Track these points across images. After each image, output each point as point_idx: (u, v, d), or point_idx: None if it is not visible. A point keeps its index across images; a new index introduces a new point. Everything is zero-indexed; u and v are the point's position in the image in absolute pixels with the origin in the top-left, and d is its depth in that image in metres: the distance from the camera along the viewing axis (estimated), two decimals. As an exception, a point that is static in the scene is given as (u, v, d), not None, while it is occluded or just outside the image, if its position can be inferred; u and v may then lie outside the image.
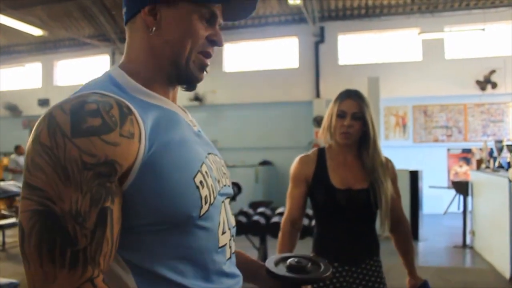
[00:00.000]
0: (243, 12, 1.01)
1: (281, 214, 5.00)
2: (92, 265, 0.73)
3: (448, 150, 9.99)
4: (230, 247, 0.96)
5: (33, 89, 13.51)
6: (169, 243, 0.82)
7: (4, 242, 6.67)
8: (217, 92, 11.20)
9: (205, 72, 0.97)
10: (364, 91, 7.78)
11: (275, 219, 4.86)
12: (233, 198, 4.71)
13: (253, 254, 5.15)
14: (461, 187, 6.79)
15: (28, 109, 13.52)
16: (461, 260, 6.12)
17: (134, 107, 0.81)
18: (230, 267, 0.95)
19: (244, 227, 4.96)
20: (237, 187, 5.57)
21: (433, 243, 6.83)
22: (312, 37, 10.63)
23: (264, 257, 5.10)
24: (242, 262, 1.09)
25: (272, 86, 10.81)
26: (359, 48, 10.58)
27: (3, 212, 7.58)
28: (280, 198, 9.95)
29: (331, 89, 10.38)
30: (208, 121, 11.58)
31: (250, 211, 5.35)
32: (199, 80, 0.97)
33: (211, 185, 0.88)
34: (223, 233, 0.92)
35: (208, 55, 0.95)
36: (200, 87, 9.44)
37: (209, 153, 0.96)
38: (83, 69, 13.15)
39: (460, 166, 9.95)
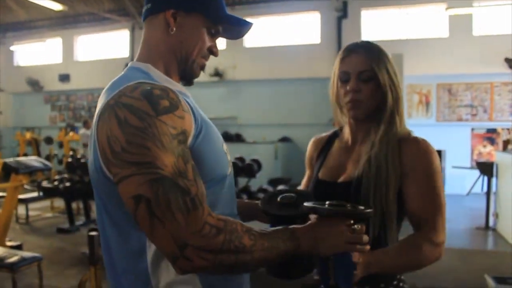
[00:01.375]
0: (238, 34, 1.21)
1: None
2: (204, 204, 0.91)
3: (472, 129, 9.75)
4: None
5: (54, 64, 13.60)
6: (213, 195, 1.02)
7: (27, 216, 6.80)
8: (237, 67, 11.10)
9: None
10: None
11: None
12: (253, 175, 4.70)
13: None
14: (486, 168, 6.63)
15: (49, 85, 13.64)
16: (483, 243, 6.01)
17: None
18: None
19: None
20: (257, 164, 5.53)
21: (454, 225, 6.71)
22: (334, 12, 10.37)
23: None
24: (241, 206, 1.28)
25: (293, 61, 10.64)
26: (383, 24, 10.28)
27: (26, 186, 7.72)
28: (299, 175, 9.85)
29: (353, 66, 10.18)
30: (227, 97, 11.52)
31: (270, 188, 5.31)
32: (197, 77, 1.17)
33: (229, 155, 1.12)
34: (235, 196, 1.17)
35: (206, 61, 1.16)
36: (220, 62, 9.40)
37: None
38: (103, 44, 13.14)
39: (484, 146, 9.72)
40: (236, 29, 1.18)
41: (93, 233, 2.32)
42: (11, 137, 13.45)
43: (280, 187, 5.31)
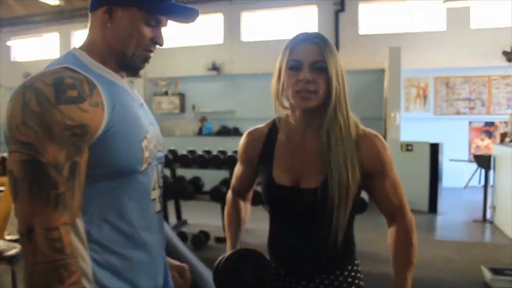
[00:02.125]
0: (187, 19, 1.21)
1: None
2: (69, 211, 0.94)
3: (470, 123, 9.78)
4: (159, 202, 1.19)
5: (51, 59, 13.41)
6: (119, 186, 1.05)
7: None
8: (235, 61, 11.08)
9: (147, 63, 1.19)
10: (385, 61, 7.60)
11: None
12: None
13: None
14: (483, 161, 6.65)
15: (46, 79, 13.58)
16: (481, 235, 6.04)
17: (96, 81, 1.02)
18: (159, 221, 1.19)
19: (260, 197, 4.92)
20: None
21: (452, 217, 6.75)
22: (332, 6, 10.35)
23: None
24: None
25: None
26: (380, 17, 10.27)
27: None
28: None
29: (350, 60, 10.15)
30: (225, 91, 11.51)
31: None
32: (140, 69, 1.18)
33: (151, 150, 1.11)
34: (154, 189, 1.15)
35: (150, 51, 1.16)
36: (218, 57, 9.36)
37: (150, 123, 1.17)
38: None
39: (482, 140, 9.75)
40: (185, 14, 1.19)
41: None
42: (8, 132, 13.42)
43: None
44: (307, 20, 10.81)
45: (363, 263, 4.83)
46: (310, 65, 1.27)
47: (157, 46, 1.17)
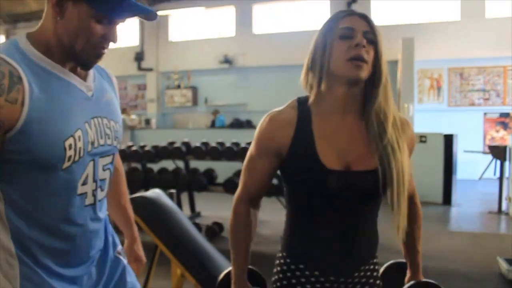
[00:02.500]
0: (148, 17, 1.15)
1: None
2: None
3: (485, 114, 9.67)
4: (94, 195, 1.17)
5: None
6: (37, 179, 1.06)
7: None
8: (247, 54, 11.08)
9: (100, 59, 1.15)
10: (398, 53, 7.51)
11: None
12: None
13: (284, 216, 5.16)
14: (499, 152, 6.58)
15: (60, 74, 13.73)
16: (496, 227, 5.99)
17: (27, 73, 1.01)
18: (93, 212, 1.19)
19: (274, 189, 4.93)
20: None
21: (466, 209, 6.70)
22: (344, -3, 10.29)
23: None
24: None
25: (302, 48, 10.29)
26: (393, 8, 10.17)
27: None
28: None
29: (363, 51, 10.10)
30: (237, 84, 11.52)
31: (279, 172, 5.31)
32: (91, 65, 1.15)
33: (80, 148, 1.09)
34: (84, 184, 1.13)
35: (103, 48, 1.12)
36: (230, 50, 9.38)
37: (94, 117, 1.15)
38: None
39: (497, 131, 9.64)
40: (138, 14, 1.14)
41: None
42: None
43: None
44: (318, 12, 10.74)
45: (379, 254, 4.83)
46: (363, 33, 1.16)
47: (111, 43, 1.13)
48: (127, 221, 1.53)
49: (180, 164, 5.91)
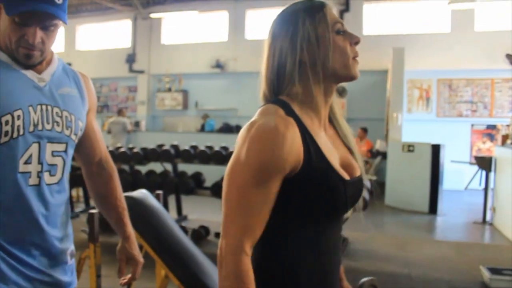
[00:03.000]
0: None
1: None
2: None
3: (472, 125, 9.79)
4: (38, 177, 1.24)
5: (56, 53, 13.56)
6: None
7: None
8: (238, 59, 11.10)
9: (33, 59, 1.23)
10: (388, 62, 7.58)
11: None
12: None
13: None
14: (484, 163, 6.66)
15: (50, 73, 13.63)
16: (480, 236, 6.05)
17: None
18: (39, 194, 1.25)
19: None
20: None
21: (452, 218, 6.76)
22: (337, 6, 10.36)
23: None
24: None
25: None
26: (385, 18, 10.28)
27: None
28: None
29: (354, 60, 10.18)
30: (228, 89, 11.53)
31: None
32: (27, 64, 1.24)
33: (19, 126, 1.18)
34: (27, 163, 1.21)
35: (28, 50, 1.21)
36: (221, 55, 9.40)
37: (41, 104, 1.24)
38: (105, 34, 13.14)
39: (484, 143, 9.76)
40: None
41: (93, 211, 2.36)
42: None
43: None
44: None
45: (361, 261, 4.86)
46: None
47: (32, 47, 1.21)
48: (118, 220, 1.53)
49: (169, 167, 5.90)
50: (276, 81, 1.06)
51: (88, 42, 13.33)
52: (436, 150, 7.04)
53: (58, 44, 13.54)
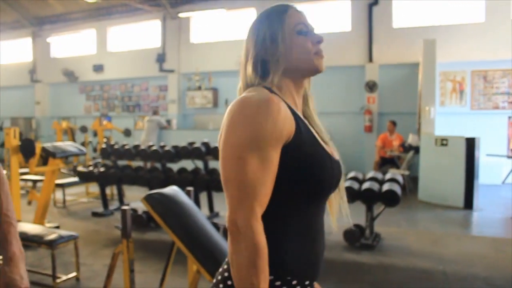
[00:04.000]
0: None
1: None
2: None
3: (509, 118, 9.47)
4: None
5: (88, 55, 13.92)
6: None
7: (64, 200, 7.05)
8: (267, 57, 11.08)
9: None
10: (419, 54, 7.41)
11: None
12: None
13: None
14: (522, 156, 6.43)
15: (83, 75, 13.99)
16: (519, 232, 5.86)
17: None
18: None
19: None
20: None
21: (488, 214, 6.57)
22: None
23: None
24: None
25: (323, 50, 10.50)
26: (415, 9, 10.06)
27: (64, 171, 7.96)
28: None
29: (384, 53, 10.02)
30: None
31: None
32: None
33: None
34: None
35: None
36: (250, 51, 9.34)
37: None
38: (135, 35, 13.36)
39: (522, 135, 9.42)
40: None
41: (125, 207, 2.41)
42: (48, 126, 13.88)
43: None
44: (339, 14, 10.70)
45: (394, 257, 4.78)
46: (313, 30, 1.21)
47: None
48: (2, 237, 1.27)
49: (200, 164, 5.96)
50: (250, 78, 1.15)
51: (119, 43, 13.59)
52: (470, 143, 6.85)
53: (90, 46, 13.90)
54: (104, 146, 6.50)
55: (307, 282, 1.09)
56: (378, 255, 4.41)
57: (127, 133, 12.01)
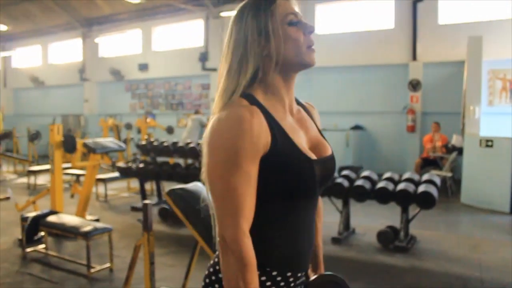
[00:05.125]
0: None
1: (366, 178, 4.85)
2: None
3: None
4: None
5: (134, 54, 14.33)
6: None
7: (106, 194, 7.31)
8: (309, 55, 11.01)
9: None
10: (464, 52, 7.11)
11: (358, 182, 4.74)
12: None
13: (336, 218, 5.13)
14: None
15: (129, 74, 14.42)
16: None
17: None
18: None
19: (327, 189, 4.90)
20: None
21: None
22: (410, -5, 9.94)
23: (346, 221, 5.03)
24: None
25: (366, 48, 10.38)
26: (462, 5, 9.68)
27: (104, 167, 8.25)
28: (370, 164, 9.71)
29: (429, 51, 9.72)
30: (299, 84, 11.30)
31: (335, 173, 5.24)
32: None
33: None
34: None
35: None
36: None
37: None
38: (179, 34, 13.63)
39: None
40: None
41: (147, 201, 2.47)
42: (96, 123, 14.40)
43: (345, 172, 5.18)
44: (382, 12, 10.47)
45: (428, 261, 4.62)
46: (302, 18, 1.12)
47: None
48: None
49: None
50: (238, 75, 1.07)
51: (163, 42, 13.91)
52: (518, 145, 6.53)
53: (136, 46, 14.30)
54: (143, 142, 6.68)
55: (289, 274, 1.10)
56: (412, 258, 4.30)
57: (170, 130, 12.29)
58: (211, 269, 1.11)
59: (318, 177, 1.08)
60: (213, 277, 1.09)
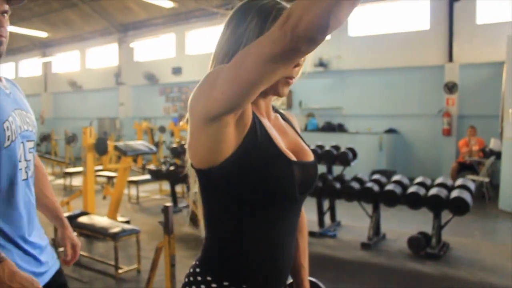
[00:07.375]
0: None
1: (397, 182, 4.74)
2: None
3: None
4: (26, 172, 1.39)
5: (168, 58, 14.56)
6: None
7: (138, 196, 7.43)
8: (342, 57, 10.91)
9: (3, 45, 1.32)
10: (503, 52, 6.85)
11: (389, 186, 4.63)
12: (347, 164, 4.66)
13: (366, 223, 5.03)
14: None
15: (163, 77, 14.66)
16: None
17: None
18: (27, 186, 1.40)
19: (356, 194, 4.81)
20: (352, 152, 5.43)
21: None
22: (446, -5, 9.68)
23: (376, 226, 4.92)
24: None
25: (400, 50, 10.17)
26: (500, 3, 9.32)
27: (134, 169, 8.39)
28: (405, 168, 9.50)
29: (466, 52, 9.43)
30: (332, 87, 11.39)
31: (365, 177, 5.15)
32: (0, 52, 1.32)
33: (14, 130, 1.32)
34: (20, 161, 1.35)
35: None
36: (325, 52, 9.29)
37: (16, 109, 1.38)
38: (212, 38, 13.75)
39: None
40: None
41: (168, 204, 2.48)
42: (130, 126, 14.70)
43: (376, 176, 5.07)
44: (417, 12, 10.24)
45: (462, 269, 4.47)
46: None
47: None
48: (54, 211, 1.67)
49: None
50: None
51: (196, 46, 14.07)
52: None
53: (169, 50, 14.53)
54: (174, 145, 6.75)
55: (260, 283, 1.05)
56: (444, 266, 4.15)
57: (202, 133, 12.34)
58: (191, 269, 1.10)
59: (298, 181, 1.01)
60: (192, 278, 1.07)
